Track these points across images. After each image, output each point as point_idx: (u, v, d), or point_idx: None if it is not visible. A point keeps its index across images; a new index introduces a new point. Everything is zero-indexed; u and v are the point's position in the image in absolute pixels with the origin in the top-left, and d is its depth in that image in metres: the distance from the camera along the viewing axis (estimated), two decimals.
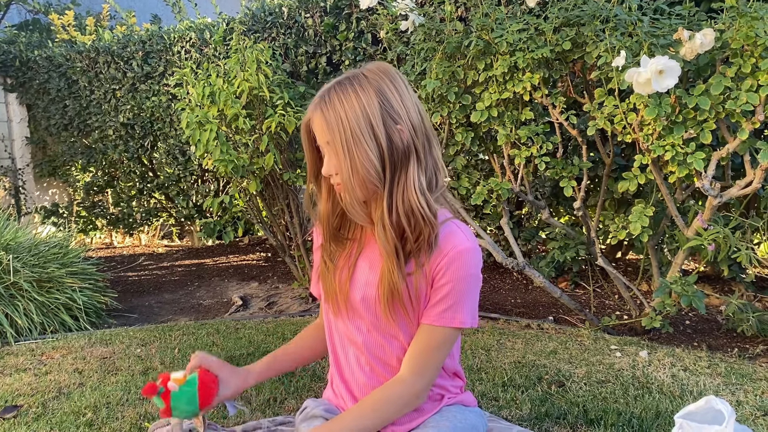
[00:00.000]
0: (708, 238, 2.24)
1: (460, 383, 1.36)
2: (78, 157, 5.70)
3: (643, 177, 2.35)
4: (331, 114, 1.13)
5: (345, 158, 1.12)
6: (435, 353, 1.21)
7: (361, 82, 1.14)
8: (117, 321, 3.48)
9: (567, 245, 3.26)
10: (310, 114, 1.17)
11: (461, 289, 1.18)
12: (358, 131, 1.11)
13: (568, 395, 2.00)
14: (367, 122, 1.11)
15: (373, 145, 1.12)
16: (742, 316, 2.54)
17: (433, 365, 1.21)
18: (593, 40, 2.31)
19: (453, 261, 1.16)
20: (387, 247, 1.16)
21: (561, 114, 2.52)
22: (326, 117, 1.13)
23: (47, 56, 5.57)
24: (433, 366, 1.21)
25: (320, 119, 1.15)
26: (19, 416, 1.98)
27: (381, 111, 1.12)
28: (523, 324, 2.95)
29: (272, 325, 3.06)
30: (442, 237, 1.18)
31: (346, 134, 1.12)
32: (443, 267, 1.17)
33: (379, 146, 1.13)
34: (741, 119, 2.06)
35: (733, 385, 2.05)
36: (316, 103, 1.16)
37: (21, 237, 3.59)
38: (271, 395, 2.08)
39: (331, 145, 1.14)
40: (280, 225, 4.16)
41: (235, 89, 3.37)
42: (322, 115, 1.14)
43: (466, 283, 1.18)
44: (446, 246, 1.17)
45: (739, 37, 1.99)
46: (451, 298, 1.18)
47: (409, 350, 1.22)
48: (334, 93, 1.14)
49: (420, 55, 2.80)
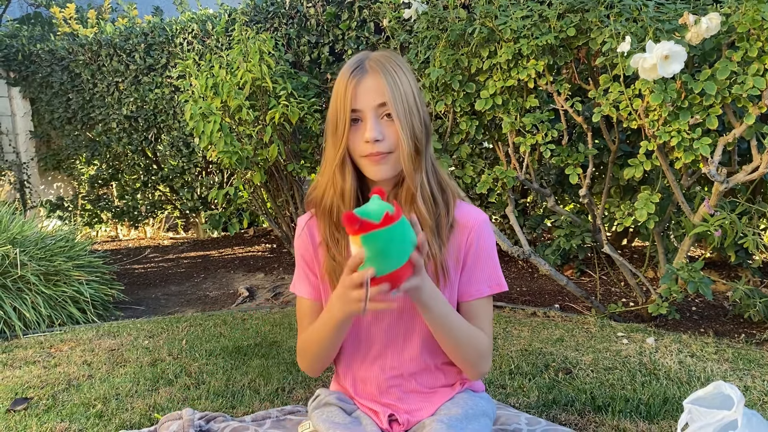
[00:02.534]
0: (714, 224, 2.23)
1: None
2: (82, 150, 5.71)
3: (648, 163, 2.34)
4: (391, 79, 1.14)
5: (404, 123, 1.14)
6: (491, 320, 1.29)
7: (399, 59, 1.19)
8: (124, 313, 3.50)
9: (573, 233, 3.25)
10: (358, 76, 1.15)
11: (493, 256, 1.27)
12: (411, 99, 1.16)
13: (575, 382, 2.01)
14: (416, 93, 1.17)
15: (418, 116, 1.17)
16: (749, 301, 2.54)
17: (492, 333, 1.29)
18: (598, 26, 2.30)
19: (481, 232, 1.24)
20: (428, 220, 1.18)
21: (566, 101, 2.51)
22: (384, 79, 1.14)
23: (50, 50, 5.57)
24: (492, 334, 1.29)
25: (376, 81, 1.14)
26: (30, 408, 1.99)
27: (418, 87, 1.19)
28: (529, 312, 2.96)
29: (279, 316, 3.07)
30: (461, 214, 1.23)
31: (407, 100, 1.15)
32: (474, 239, 1.24)
33: (421, 118, 1.18)
34: (747, 104, 2.05)
35: (741, 371, 2.05)
36: (372, 67, 1.15)
37: (27, 231, 3.60)
38: (279, 385, 2.09)
39: (388, 107, 1.14)
40: (285, 216, 4.16)
41: (238, 80, 3.36)
42: (382, 78, 1.14)
43: (494, 251, 1.27)
44: (468, 220, 1.24)
45: (746, 21, 1.98)
46: (490, 266, 1.26)
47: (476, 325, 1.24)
48: (388, 60, 1.16)
49: (423, 43, 2.78)
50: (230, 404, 1.94)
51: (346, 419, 1.25)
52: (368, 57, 1.17)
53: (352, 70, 1.15)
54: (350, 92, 1.14)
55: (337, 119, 1.16)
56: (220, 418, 1.70)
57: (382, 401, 1.30)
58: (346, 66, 1.17)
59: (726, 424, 1.05)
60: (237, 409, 1.90)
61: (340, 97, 1.15)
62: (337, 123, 1.16)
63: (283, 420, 1.67)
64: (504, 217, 3.76)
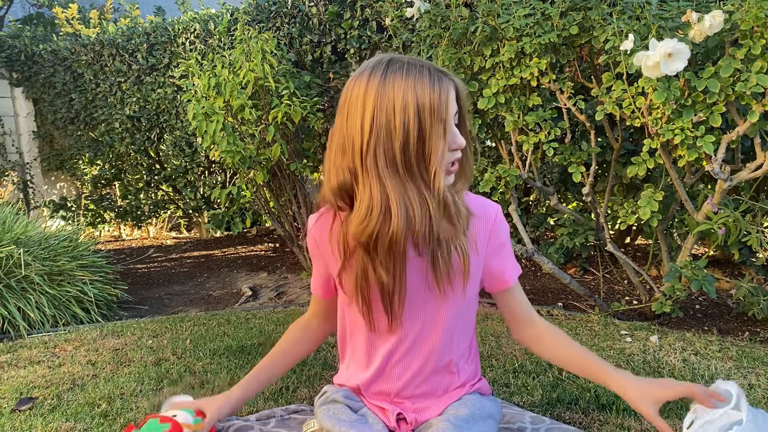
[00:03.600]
0: (718, 222, 2.23)
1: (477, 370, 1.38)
2: (85, 150, 5.72)
3: (652, 161, 2.33)
4: (456, 80, 1.13)
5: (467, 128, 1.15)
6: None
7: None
8: (128, 313, 3.51)
9: (576, 231, 3.25)
10: (448, 86, 1.09)
11: (510, 244, 1.32)
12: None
13: (579, 380, 2.01)
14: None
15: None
16: (753, 299, 2.53)
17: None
18: (600, 24, 2.29)
19: (501, 223, 1.26)
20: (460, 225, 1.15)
21: (569, 99, 2.51)
22: (457, 84, 1.12)
23: (52, 50, 5.58)
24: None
25: (454, 87, 1.11)
26: (35, 408, 2.00)
27: None
28: None
29: (282, 315, 3.08)
30: (476, 205, 1.23)
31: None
32: (497, 229, 1.25)
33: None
34: (751, 101, 2.04)
35: (745, 369, 2.05)
36: (446, 75, 1.10)
37: (31, 231, 3.61)
38: (284, 384, 2.10)
39: (462, 113, 1.14)
40: (288, 215, 4.17)
41: (241, 80, 3.36)
42: (455, 82, 1.12)
43: (509, 239, 1.32)
44: (488, 212, 1.25)
45: (749, 18, 1.97)
46: (510, 254, 1.30)
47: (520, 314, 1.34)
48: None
49: (426, 42, 2.78)
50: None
51: (352, 416, 1.25)
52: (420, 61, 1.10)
53: (436, 77, 1.07)
54: (449, 100, 1.08)
55: (427, 134, 1.05)
56: (225, 417, 1.70)
57: (393, 400, 1.30)
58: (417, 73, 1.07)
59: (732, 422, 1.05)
60: (241, 408, 1.90)
61: (432, 108, 1.05)
62: (428, 139, 1.06)
63: (287, 419, 1.68)
64: (507, 216, 3.76)
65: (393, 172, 1.05)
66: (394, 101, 1.04)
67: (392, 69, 1.06)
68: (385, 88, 1.05)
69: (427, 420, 1.27)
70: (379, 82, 1.06)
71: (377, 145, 1.05)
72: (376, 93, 1.05)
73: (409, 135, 1.04)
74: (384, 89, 1.05)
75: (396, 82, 1.05)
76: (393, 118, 1.04)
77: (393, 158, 1.05)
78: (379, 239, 1.08)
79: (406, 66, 1.07)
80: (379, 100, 1.05)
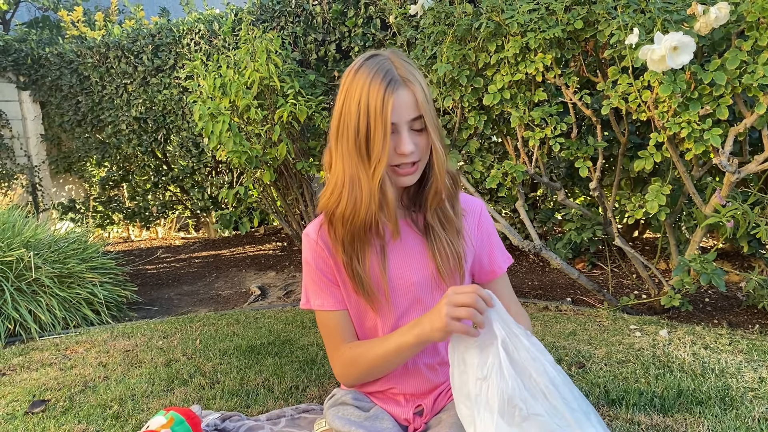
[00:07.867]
0: (726, 215, 2.22)
1: None
2: (92, 152, 5.75)
3: (659, 155, 2.32)
4: (418, 88, 1.16)
5: (435, 130, 1.18)
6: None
7: (411, 60, 1.20)
8: (138, 314, 3.53)
9: (583, 226, 3.24)
10: (395, 90, 1.13)
11: (497, 235, 1.38)
12: (432, 104, 1.20)
13: (588, 376, 2.00)
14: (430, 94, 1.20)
15: (437, 119, 1.22)
16: (763, 292, 2.52)
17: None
18: (605, 18, 2.28)
19: (484, 216, 1.35)
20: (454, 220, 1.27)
21: (574, 94, 2.50)
22: (416, 92, 1.15)
23: (58, 53, 5.60)
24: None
25: (411, 95, 1.15)
26: (48, 410, 2.01)
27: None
28: (541, 306, 2.95)
29: (291, 314, 3.09)
30: (463, 201, 1.33)
31: (433, 108, 1.19)
32: (482, 222, 1.35)
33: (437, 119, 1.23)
34: (758, 93, 2.03)
35: (755, 362, 2.04)
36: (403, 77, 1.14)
37: (40, 234, 3.64)
38: (293, 383, 2.10)
39: (424, 120, 1.16)
40: (295, 214, 4.17)
41: (246, 80, 3.37)
42: (414, 90, 1.15)
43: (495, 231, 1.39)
44: (473, 207, 1.34)
45: (755, 10, 1.96)
46: (498, 244, 1.37)
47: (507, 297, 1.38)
48: (411, 67, 1.17)
49: (430, 39, 2.78)
50: (245, 403, 1.95)
51: (362, 416, 1.27)
52: (392, 65, 1.15)
53: (387, 83, 1.12)
54: (389, 107, 1.12)
55: (372, 133, 1.13)
56: (236, 417, 1.71)
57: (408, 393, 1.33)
58: (373, 75, 1.14)
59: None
60: (252, 408, 1.91)
61: (376, 111, 1.12)
62: (372, 137, 1.14)
63: (297, 418, 1.69)
64: (514, 212, 3.76)
65: (352, 157, 1.17)
66: (353, 98, 1.16)
67: (362, 68, 1.16)
68: (352, 84, 1.16)
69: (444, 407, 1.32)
70: (351, 79, 1.17)
71: (344, 131, 1.18)
72: (347, 88, 1.18)
73: (359, 130, 1.15)
74: (351, 86, 1.17)
75: (358, 81, 1.15)
76: (350, 111, 1.16)
77: (351, 146, 1.17)
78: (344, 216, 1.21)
79: (372, 68, 1.15)
80: (346, 94, 1.18)
